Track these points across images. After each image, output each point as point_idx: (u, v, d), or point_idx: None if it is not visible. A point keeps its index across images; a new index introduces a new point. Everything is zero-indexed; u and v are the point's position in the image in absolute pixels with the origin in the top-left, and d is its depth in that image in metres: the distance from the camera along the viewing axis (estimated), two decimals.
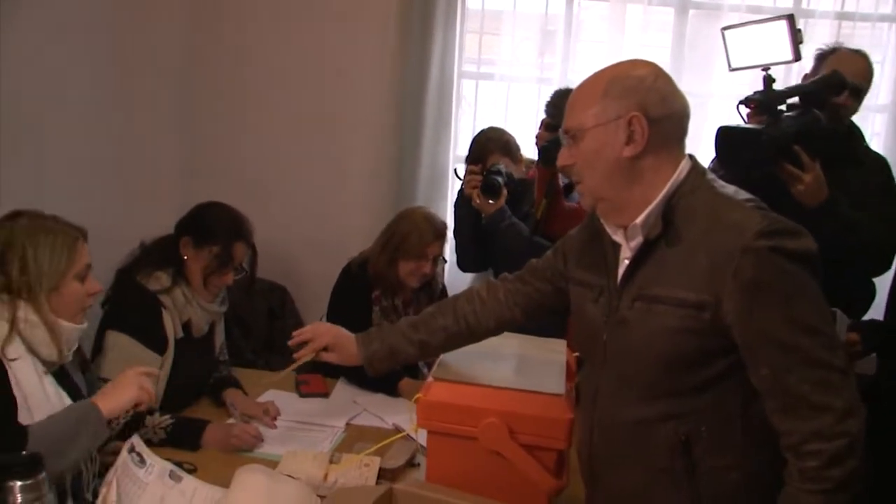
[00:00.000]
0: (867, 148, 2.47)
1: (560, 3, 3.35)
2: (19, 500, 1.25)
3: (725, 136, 2.10)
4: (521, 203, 2.74)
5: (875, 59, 2.46)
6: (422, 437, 1.82)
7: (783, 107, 2.13)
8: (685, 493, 1.42)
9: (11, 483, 1.25)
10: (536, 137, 2.72)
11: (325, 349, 1.84)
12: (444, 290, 2.85)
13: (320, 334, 1.85)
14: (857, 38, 3.16)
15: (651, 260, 1.41)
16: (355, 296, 2.66)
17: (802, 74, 2.48)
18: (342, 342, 1.83)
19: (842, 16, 3.24)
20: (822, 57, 2.38)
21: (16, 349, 1.63)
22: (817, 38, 2.86)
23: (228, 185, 3.17)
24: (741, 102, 2.15)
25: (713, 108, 3.21)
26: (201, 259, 2.26)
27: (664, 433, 1.42)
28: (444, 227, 2.70)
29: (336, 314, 2.56)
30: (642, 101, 1.36)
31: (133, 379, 1.69)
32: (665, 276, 1.38)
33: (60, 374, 1.76)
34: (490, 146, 2.75)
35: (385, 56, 3.38)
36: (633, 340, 1.43)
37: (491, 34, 3.49)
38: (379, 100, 3.42)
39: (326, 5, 3.44)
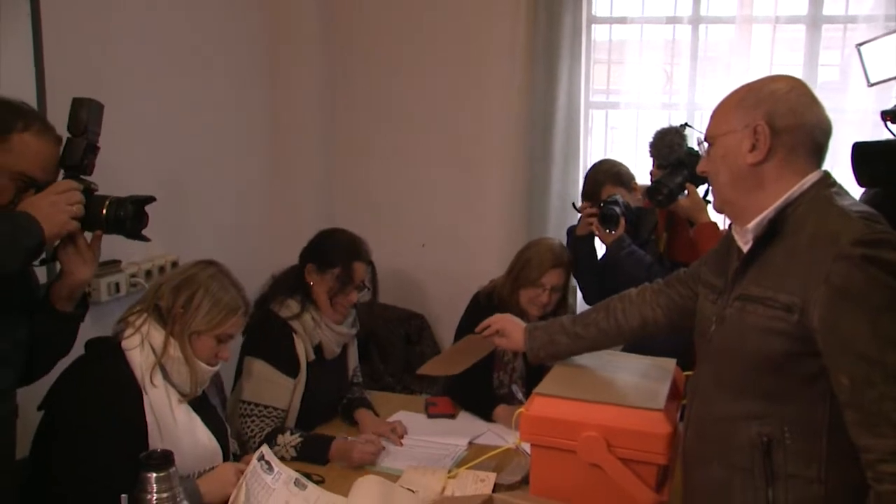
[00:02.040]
0: None
1: (686, 28, 3.34)
2: (154, 489, 1.42)
3: (861, 151, 2.02)
4: (639, 230, 2.73)
5: None
6: None
7: None
8: (763, 497, 1.41)
9: (148, 474, 1.43)
10: (650, 174, 2.73)
11: (498, 333, 2.03)
12: None
13: (496, 320, 2.05)
14: None
15: (757, 262, 1.45)
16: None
17: None
18: (512, 328, 2.01)
19: None
20: None
21: (158, 378, 1.82)
22: None
23: (367, 222, 3.37)
24: (884, 117, 2.09)
25: (852, 126, 3.04)
26: (325, 282, 2.40)
27: (747, 432, 1.43)
28: (565, 257, 2.66)
29: None
30: (770, 112, 1.42)
31: (230, 482, 1.80)
32: (764, 278, 1.42)
33: (200, 398, 1.96)
34: (602, 179, 2.76)
35: (513, 89, 3.50)
36: (728, 337, 1.48)
37: (617, 63, 3.53)
38: (507, 133, 3.54)
39: (453, 40, 3.62)
